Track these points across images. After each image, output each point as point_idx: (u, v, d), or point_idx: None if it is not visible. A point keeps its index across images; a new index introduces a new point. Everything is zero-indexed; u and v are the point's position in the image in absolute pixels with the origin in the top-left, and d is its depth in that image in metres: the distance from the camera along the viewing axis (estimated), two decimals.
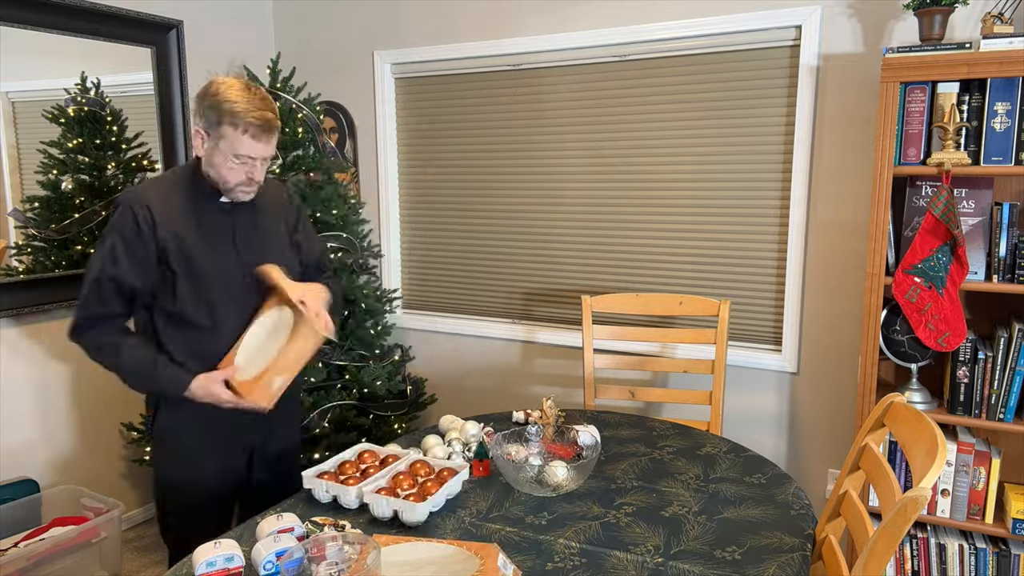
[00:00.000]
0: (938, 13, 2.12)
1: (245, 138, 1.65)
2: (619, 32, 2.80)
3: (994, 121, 2.07)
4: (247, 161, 1.69)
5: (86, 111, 2.83)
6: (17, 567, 2.37)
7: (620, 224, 2.96)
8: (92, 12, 2.81)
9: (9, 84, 2.63)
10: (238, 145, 1.66)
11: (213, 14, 3.31)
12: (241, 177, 1.71)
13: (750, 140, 2.68)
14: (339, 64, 3.45)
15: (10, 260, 2.66)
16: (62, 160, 2.77)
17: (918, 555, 2.31)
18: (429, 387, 3.46)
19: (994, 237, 2.14)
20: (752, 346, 2.79)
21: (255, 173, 1.72)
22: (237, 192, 1.74)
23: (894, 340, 2.28)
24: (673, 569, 1.40)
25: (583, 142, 2.98)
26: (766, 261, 2.72)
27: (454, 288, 3.40)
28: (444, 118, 3.29)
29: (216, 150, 1.68)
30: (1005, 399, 2.12)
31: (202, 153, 1.71)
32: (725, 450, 1.99)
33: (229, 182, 1.71)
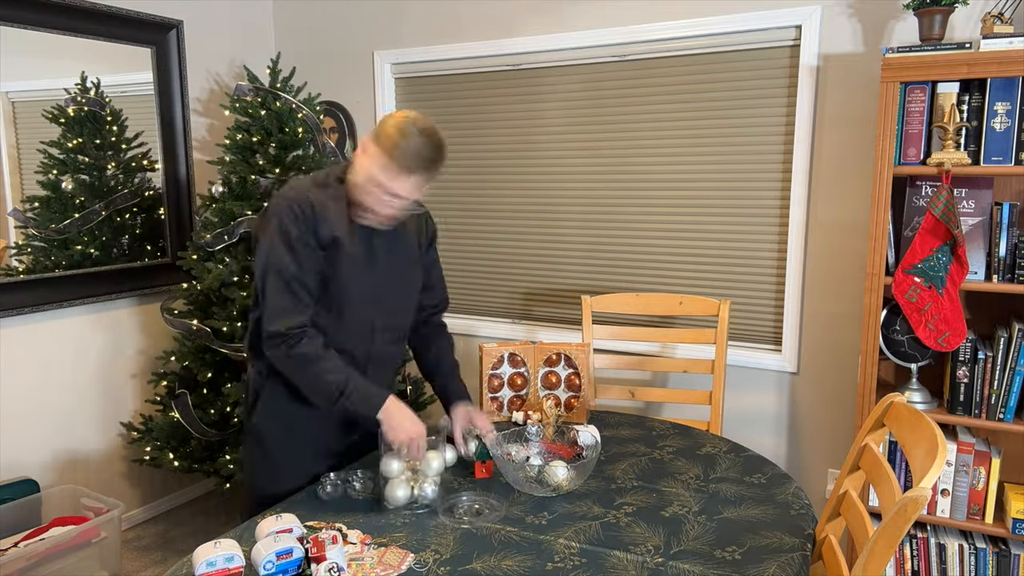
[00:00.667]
0: (938, 13, 2.12)
1: (411, 179, 1.61)
2: (619, 32, 2.80)
3: (994, 121, 2.07)
4: (399, 200, 1.64)
5: (86, 111, 2.83)
6: (17, 567, 2.37)
7: (620, 224, 2.96)
8: (92, 12, 2.81)
9: (9, 84, 2.63)
10: (397, 186, 1.61)
11: (213, 14, 3.31)
12: (386, 211, 1.67)
13: (750, 140, 2.68)
14: (339, 64, 3.45)
15: (10, 260, 2.66)
16: (62, 160, 2.77)
17: (918, 555, 2.31)
18: (429, 387, 3.45)
19: (994, 237, 2.14)
20: (752, 346, 2.79)
21: (398, 209, 1.68)
22: (374, 222, 1.71)
23: (894, 340, 2.28)
24: (673, 569, 1.40)
25: (583, 142, 2.98)
26: (766, 261, 2.72)
27: (454, 288, 3.39)
28: (444, 118, 3.29)
29: (374, 178, 1.62)
30: (1005, 399, 2.12)
31: (361, 173, 1.64)
32: (725, 450, 1.99)
33: (376, 212, 1.67)
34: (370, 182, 1.62)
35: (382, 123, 1.63)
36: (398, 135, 1.59)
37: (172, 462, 2.81)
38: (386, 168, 1.59)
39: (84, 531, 2.55)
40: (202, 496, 3.44)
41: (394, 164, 1.58)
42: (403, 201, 1.65)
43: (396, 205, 1.66)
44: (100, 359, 3.01)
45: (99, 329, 2.99)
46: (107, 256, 2.95)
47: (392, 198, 1.63)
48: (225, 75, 3.40)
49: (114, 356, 3.06)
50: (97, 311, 2.98)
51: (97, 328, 2.98)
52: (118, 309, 3.05)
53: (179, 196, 3.21)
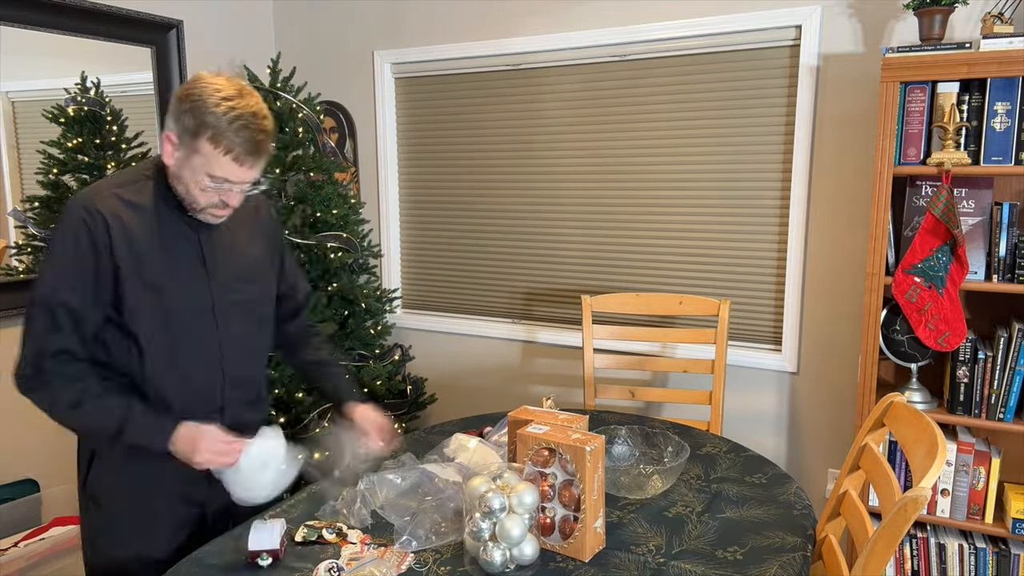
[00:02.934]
0: (938, 13, 2.12)
1: (226, 160, 1.37)
2: (619, 32, 2.80)
3: (994, 121, 2.07)
4: (223, 184, 1.41)
5: (86, 111, 2.83)
6: (17, 567, 2.37)
7: (620, 224, 2.96)
8: (92, 12, 2.81)
9: (9, 84, 2.63)
10: (216, 166, 1.37)
11: (213, 14, 3.31)
12: (213, 199, 1.43)
13: (750, 140, 2.68)
14: (339, 64, 3.45)
15: (10, 260, 2.66)
16: (62, 160, 2.77)
17: (918, 555, 2.32)
18: (429, 387, 3.45)
19: (994, 237, 2.14)
20: (752, 346, 2.79)
21: (231, 198, 1.44)
22: (205, 215, 1.46)
23: (894, 340, 2.28)
24: (675, 569, 1.40)
25: (583, 142, 2.98)
26: (766, 261, 2.72)
27: (454, 288, 3.40)
28: (444, 118, 3.29)
29: (187, 164, 1.39)
30: (1005, 399, 2.12)
31: (171, 162, 1.41)
32: (725, 450, 1.99)
33: (198, 203, 1.43)
34: (178, 166, 1.40)
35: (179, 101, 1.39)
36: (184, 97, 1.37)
37: None
38: (185, 137, 1.38)
39: None
40: None
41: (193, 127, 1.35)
42: (224, 184, 1.41)
43: (216, 191, 1.42)
44: None
45: None
46: None
47: (210, 180, 1.40)
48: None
49: None
50: None
51: None
52: None
53: None
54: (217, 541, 1.52)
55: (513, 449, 1.67)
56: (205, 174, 1.39)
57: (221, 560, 1.45)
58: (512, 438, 1.66)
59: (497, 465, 1.58)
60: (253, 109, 1.40)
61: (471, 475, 1.46)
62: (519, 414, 1.66)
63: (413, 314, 3.49)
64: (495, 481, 1.43)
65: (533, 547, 1.41)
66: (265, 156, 1.43)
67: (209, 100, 1.36)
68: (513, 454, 1.68)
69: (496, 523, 1.38)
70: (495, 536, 1.38)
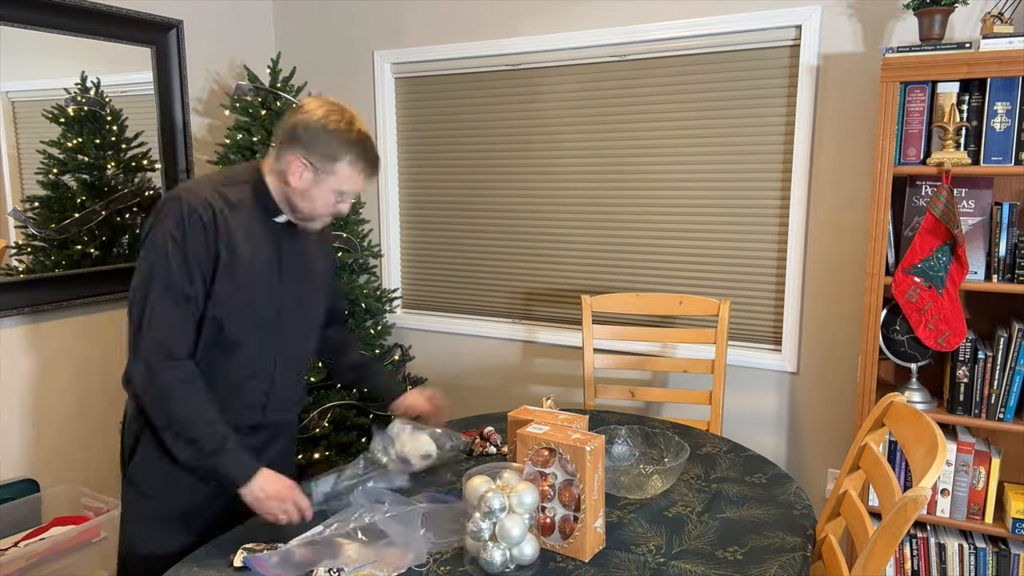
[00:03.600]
0: (938, 13, 2.13)
1: (359, 177, 1.57)
2: (618, 32, 2.80)
3: (994, 121, 2.07)
4: (348, 197, 1.60)
5: (86, 111, 2.83)
6: (17, 567, 2.37)
7: (620, 224, 2.96)
8: (92, 12, 2.81)
9: (9, 84, 2.63)
10: (349, 183, 1.56)
11: (213, 14, 3.31)
12: (331, 210, 1.61)
13: (750, 140, 2.68)
14: (339, 64, 3.45)
15: (10, 260, 2.66)
16: (62, 160, 2.77)
17: (918, 555, 2.32)
18: (429, 387, 3.45)
19: (994, 237, 2.14)
20: (752, 346, 2.79)
21: (344, 209, 1.62)
22: (317, 223, 1.64)
23: (894, 340, 2.28)
24: (675, 569, 1.40)
25: (583, 142, 2.98)
26: (766, 261, 2.72)
27: (454, 288, 3.40)
28: (444, 118, 3.29)
29: (321, 184, 1.55)
30: (1005, 399, 2.12)
31: (299, 183, 1.55)
32: (725, 450, 1.99)
33: (319, 214, 1.60)
34: (308, 186, 1.55)
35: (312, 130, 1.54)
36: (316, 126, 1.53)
37: None
38: (323, 162, 1.54)
39: (84, 531, 2.55)
40: None
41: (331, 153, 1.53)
42: (348, 197, 1.61)
43: (338, 204, 1.60)
44: (100, 359, 3.00)
45: (99, 329, 2.99)
46: (107, 256, 2.95)
47: (340, 195, 1.58)
48: (225, 75, 3.40)
49: (114, 356, 3.05)
50: (97, 311, 2.97)
51: (97, 328, 2.98)
52: (118, 309, 3.05)
53: None
54: (217, 541, 1.52)
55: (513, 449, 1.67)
56: (336, 191, 1.57)
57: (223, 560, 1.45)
58: (512, 438, 1.66)
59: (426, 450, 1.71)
60: (366, 129, 1.60)
61: (471, 475, 1.46)
62: (519, 414, 1.66)
63: (413, 314, 3.49)
64: (495, 481, 1.43)
65: (533, 547, 1.41)
66: (369, 172, 1.61)
67: (339, 128, 1.53)
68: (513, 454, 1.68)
69: (496, 523, 1.38)
70: (495, 536, 1.38)
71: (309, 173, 1.55)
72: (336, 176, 1.55)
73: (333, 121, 1.53)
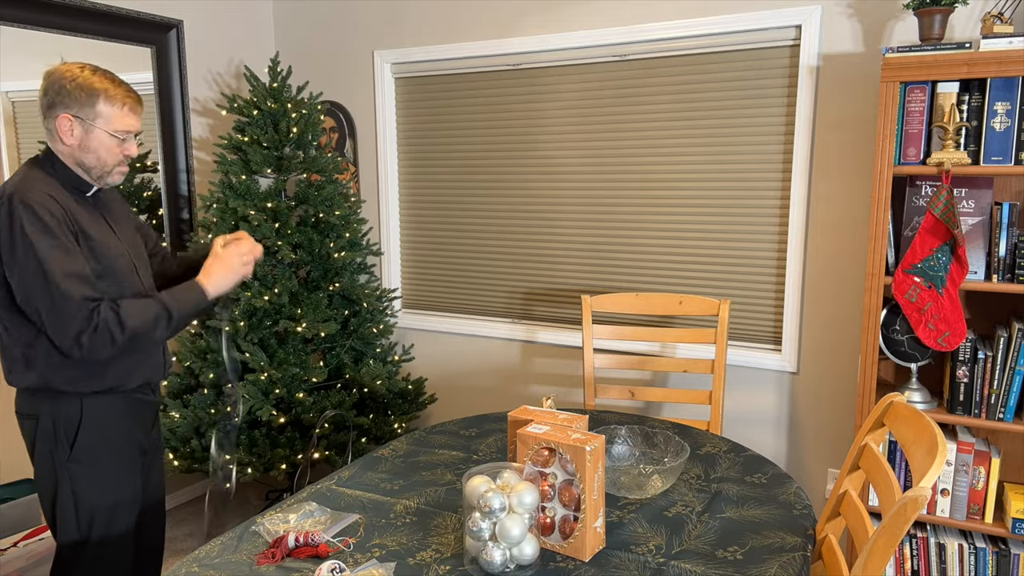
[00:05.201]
0: (938, 13, 2.13)
1: (125, 112, 1.67)
2: (618, 32, 2.80)
3: (994, 121, 2.07)
4: (126, 137, 1.70)
5: None
6: (17, 567, 2.37)
7: (620, 224, 2.96)
8: (92, 12, 2.81)
9: (9, 84, 2.63)
10: (118, 121, 1.67)
11: (213, 14, 3.31)
12: (119, 156, 1.71)
13: (750, 140, 2.68)
14: (339, 64, 3.45)
15: None
16: None
17: (918, 554, 2.32)
18: (429, 387, 3.46)
19: (994, 237, 2.14)
20: (752, 346, 2.79)
21: (132, 149, 1.73)
22: (115, 174, 1.73)
23: (894, 340, 2.28)
24: (675, 569, 1.40)
25: (583, 142, 2.98)
26: (766, 261, 2.73)
27: (454, 288, 3.40)
28: (444, 118, 3.29)
29: (93, 131, 1.66)
30: (1005, 399, 2.13)
31: (73, 141, 1.66)
32: (725, 450, 1.99)
33: (108, 163, 1.70)
34: (83, 139, 1.66)
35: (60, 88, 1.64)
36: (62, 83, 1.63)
37: (172, 462, 2.81)
38: (84, 111, 1.64)
39: None
40: (201, 496, 3.44)
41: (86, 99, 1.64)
42: (127, 136, 1.71)
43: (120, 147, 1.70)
44: None
45: None
46: None
47: (116, 135, 1.68)
48: (225, 75, 3.40)
49: None
50: None
51: None
52: None
53: (179, 196, 3.21)
54: (217, 540, 1.53)
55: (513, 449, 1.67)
56: (110, 132, 1.67)
57: (222, 559, 1.45)
58: (512, 438, 1.66)
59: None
60: (109, 73, 1.70)
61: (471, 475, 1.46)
62: (519, 414, 1.66)
63: (413, 314, 3.49)
64: (495, 481, 1.43)
65: (533, 547, 1.41)
66: (142, 106, 1.74)
67: (86, 76, 1.64)
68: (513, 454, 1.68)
69: (496, 523, 1.38)
70: (495, 536, 1.38)
71: (78, 126, 1.65)
72: (103, 118, 1.65)
73: (73, 74, 1.64)
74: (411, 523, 1.59)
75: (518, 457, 1.51)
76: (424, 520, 1.60)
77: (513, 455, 1.68)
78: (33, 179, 1.65)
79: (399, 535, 1.54)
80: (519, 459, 1.50)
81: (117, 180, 1.76)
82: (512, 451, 1.68)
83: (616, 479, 1.69)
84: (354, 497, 1.72)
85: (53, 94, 1.64)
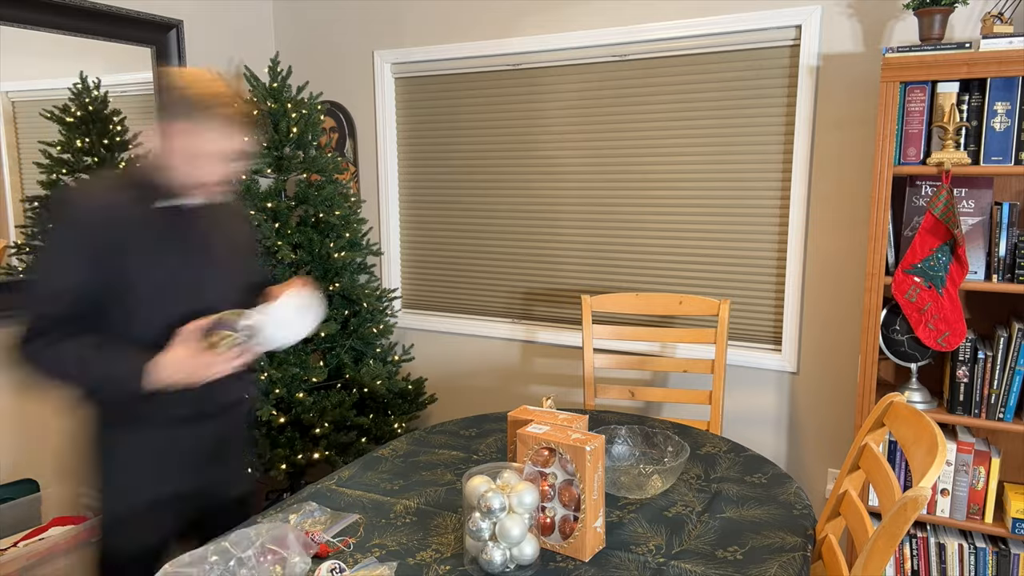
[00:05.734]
0: (938, 13, 2.13)
1: (217, 134, 1.56)
2: (619, 32, 2.80)
3: (994, 121, 2.07)
4: (213, 158, 1.59)
5: (92, 110, 2.83)
6: (17, 567, 2.37)
7: (620, 224, 2.96)
8: (92, 12, 2.81)
9: (9, 84, 2.63)
10: (209, 142, 1.56)
11: (213, 14, 3.31)
12: (205, 176, 1.60)
13: (750, 140, 2.68)
14: (339, 64, 3.45)
15: (10, 260, 2.66)
16: (64, 160, 2.76)
17: (918, 554, 2.32)
18: (429, 387, 3.46)
19: (994, 237, 2.14)
20: (752, 346, 2.79)
21: (220, 172, 1.62)
22: (198, 192, 1.62)
23: (894, 340, 2.28)
24: (675, 569, 1.40)
25: (583, 142, 2.98)
26: (766, 261, 2.73)
27: (454, 288, 3.40)
28: (444, 118, 3.29)
29: (180, 147, 1.57)
30: (1005, 399, 2.13)
31: (164, 149, 1.59)
32: (725, 450, 1.99)
33: (190, 179, 1.59)
34: (170, 151, 1.57)
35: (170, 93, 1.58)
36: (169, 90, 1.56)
37: None
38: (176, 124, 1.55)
39: (83, 531, 2.55)
40: None
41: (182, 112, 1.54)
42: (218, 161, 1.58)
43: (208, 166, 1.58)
44: None
45: None
46: None
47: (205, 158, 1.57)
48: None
49: None
50: None
51: None
52: None
53: None
54: None
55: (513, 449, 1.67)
56: (191, 153, 1.56)
57: None
58: (512, 438, 1.66)
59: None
60: (225, 87, 1.58)
61: (471, 475, 1.46)
62: (519, 414, 1.66)
63: (413, 314, 3.49)
64: (495, 481, 1.43)
65: (533, 547, 1.41)
66: (241, 127, 1.60)
67: (194, 86, 1.55)
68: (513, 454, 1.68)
69: (496, 523, 1.38)
70: (495, 536, 1.38)
71: (171, 137, 1.58)
72: (190, 135, 1.55)
73: (187, 83, 1.56)
74: (411, 523, 1.59)
75: (518, 457, 1.51)
76: (424, 520, 1.60)
77: (513, 455, 1.68)
78: (100, 181, 1.60)
79: (399, 535, 1.54)
80: (519, 459, 1.50)
81: (201, 199, 1.64)
82: (512, 451, 1.68)
83: (616, 479, 1.69)
84: (354, 497, 1.72)
85: (165, 97, 1.56)
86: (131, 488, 1.67)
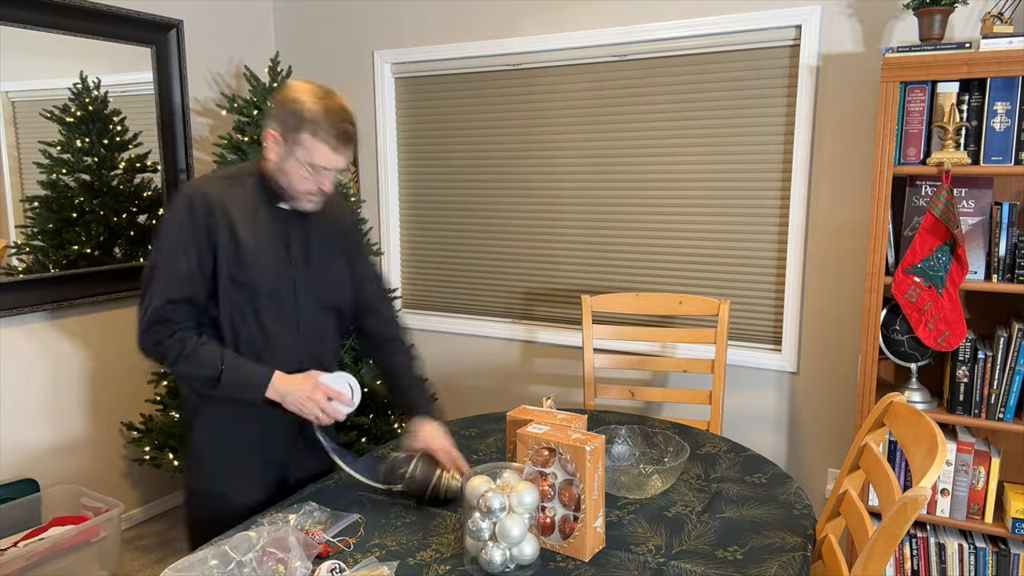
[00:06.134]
0: (938, 13, 2.13)
1: (324, 148, 1.60)
2: (618, 32, 2.80)
3: (994, 121, 2.07)
4: (321, 172, 1.63)
5: (92, 110, 2.83)
6: (17, 567, 2.37)
7: (620, 224, 2.96)
8: (92, 12, 2.81)
9: (9, 84, 2.63)
10: (315, 155, 1.60)
11: (213, 14, 3.31)
12: (312, 187, 1.65)
13: (750, 140, 2.68)
14: (339, 64, 3.45)
15: (10, 260, 2.66)
16: (63, 160, 2.76)
17: (918, 554, 2.32)
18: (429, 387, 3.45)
19: (994, 237, 2.14)
20: (752, 346, 2.79)
21: (326, 184, 1.66)
22: (304, 201, 1.68)
23: (894, 340, 2.28)
24: (675, 569, 1.40)
25: (583, 142, 2.98)
26: (766, 261, 2.72)
27: (454, 288, 3.40)
28: (444, 118, 3.29)
29: (290, 157, 1.62)
30: (1005, 399, 2.13)
31: (274, 157, 1.65)
32: (725, 450, 1.99)
33: (298, 190, 1.65)
34: (281, 159, 1.63)
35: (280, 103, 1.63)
36: (283, 101, 1.62)
37: (172, 462, 2.81)
38: (288, 134, 1.61)
39: (84, 531, 2.55)
40: None
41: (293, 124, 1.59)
42: (323, 171, 1.63)
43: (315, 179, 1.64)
44: (100, 359, 3.01)
45: (99, 329, 2.99)
46: (106, 256, 2.95)
47: (311, 168, 1.62)
48: (225, 75, 3.40)
49: (114, 356, 3.05)
50: (97, 311, 2.98)
51: (97, 328, 2.98)
52: (118, 309, 3.05)
53: None
54: None
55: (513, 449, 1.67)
56: (307, 164, 1.61)
57: None
58: (512, 438, 1.66)
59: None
60: (340, 105, 1.63)
61: (471, 475, 1.46)
62: (519, 414, 1.66)
63: (413, 314, 3.49)
64: (495, 481, 1.43)
65: (533, 547, 1.41)
66: (353, 144, 1.65)
67: (306, 101, 1.59)
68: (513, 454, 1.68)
69: (496, 523, 1.38)
70: (495, 536, 1.38)
71: (279, 147, 1.63)
72: (302, 148, 1.60)
73: (296, 95, 1.61)
74: (411, 523, 1.59)
75: (518, 457, 1.51)
76: (424, 520, 1.60)
77: (513, 455, 1.68)
78: (222, 176, 1.70)
79: (399, 535, 1.54)
80: (519, 459, 1.50)
81: (307, 207, 1.69)
82: (512, 451, 1.68)
83: (616, 479, 1.69)
84: (354, 497, 1.72)
85: (275, 106, 1.63)
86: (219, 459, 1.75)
